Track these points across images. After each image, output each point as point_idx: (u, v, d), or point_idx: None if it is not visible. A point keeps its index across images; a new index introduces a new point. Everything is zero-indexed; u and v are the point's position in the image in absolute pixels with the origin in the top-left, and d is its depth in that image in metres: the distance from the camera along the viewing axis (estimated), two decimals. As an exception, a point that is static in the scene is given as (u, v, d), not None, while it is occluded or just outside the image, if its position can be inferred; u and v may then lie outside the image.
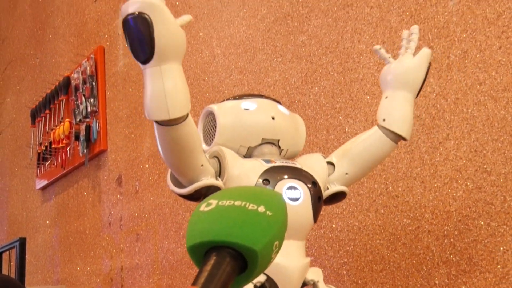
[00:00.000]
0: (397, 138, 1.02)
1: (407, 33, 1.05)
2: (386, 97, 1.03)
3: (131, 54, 0.79)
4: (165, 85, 0.79)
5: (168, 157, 0.88)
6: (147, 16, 0.77)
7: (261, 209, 0.54)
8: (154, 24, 0.77)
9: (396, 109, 1.02)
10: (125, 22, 0.78)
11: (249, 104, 1.01)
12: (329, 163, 1.04)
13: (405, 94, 1.02)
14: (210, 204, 0.55)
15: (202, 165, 0.90)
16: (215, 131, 0.99)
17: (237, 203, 0.54)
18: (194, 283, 0.51)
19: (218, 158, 0.96)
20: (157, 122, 0.83)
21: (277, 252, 0.55)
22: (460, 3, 1.25)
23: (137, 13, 0.77)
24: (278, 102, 1.05)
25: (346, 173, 1.03)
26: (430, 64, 1.04)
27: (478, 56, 1.21)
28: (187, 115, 0.83)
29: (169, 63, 0.79)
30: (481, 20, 1.21)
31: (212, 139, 0.99)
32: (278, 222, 0.55)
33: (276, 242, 0.54)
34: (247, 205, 0.54)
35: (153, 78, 0.80)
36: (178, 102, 0.81)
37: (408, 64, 1.02)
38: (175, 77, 0.80)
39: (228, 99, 1.04)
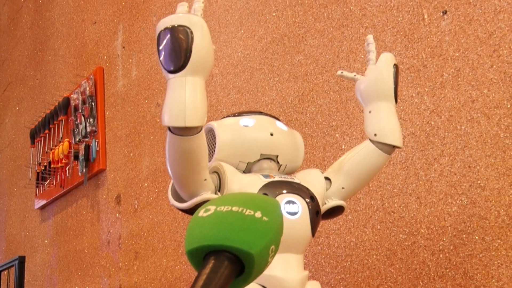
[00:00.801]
0: (390, 149, 1.05)
1: (366, 44, 1.09)
2: (370, 112, 1.06)
3: (159, 63, 0.83)
4: (186, 95, 0.83)
5: (175, 168, 0.90)
6: (188, 30, 0.82)
7: (258, 214, 0.56)
8: (194, 38, 0.81)
9: (384, 122, 1.04)
10: (164, 32, 0.83)
11: (248, 120, 1.03)
12: (326, 178, 1.06)
13: (386, 104, 1.04)
14: (208, 209, 0.57)
15: (205, 180, 0.92)
16: (215, 147, 1.01)
17: (235, 208, 0.56)
18: (193, 286, 0.54)
19: (218, 173, 0.99)
20: (171, 131, 0.85)
21: (273, 256, 0.57)
22: (452, 23, 1.28)
23: (179, 25, 0.82)
24: (277, 118, 1.08)
25: (343, 187, 1.06)
26: (396, 66, 1.05)
27: (470, 74, 1.24)
28: (201, 128, 0.86)
29: (195, 76, 0.83)
30: (473, 39, 1.24)
31: (212, 155, 1.01)
32: (274, 227, 0.57)
33: (272, 247, 0.57)
34: (244, 211, 0.56)
35: (177, 87, 0.83)
36: (196, 113, 0.83)
37: (371, 75, 1.05)
38: (197, 89, 0.84)
39: (227, 116, 1.07)
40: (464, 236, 1.21)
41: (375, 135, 1.04)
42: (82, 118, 2.71)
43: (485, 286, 1.17)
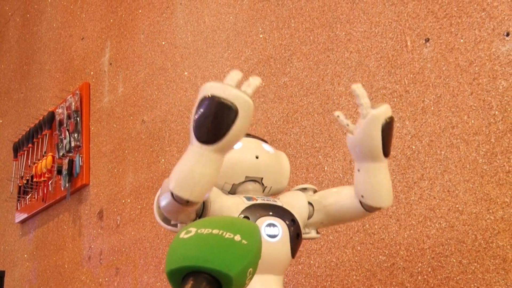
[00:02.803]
0: (376, 209, 1.03)
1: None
2: (358, 170, 1.00)
3: (191, 126, 0.80)
4: (202, 170, 0.82)
5: (169, 214, 0.94)
6: (234, 108, 0.78)
7: (237, 238, 0.58)
8: (238, 119, 0.78)
9: (370, 184, 1.00)
10: (210, 99, 0.79)
11: None
12: (310, 203, 1.08)
13: (374, 165, 0.98)
14: (189, 231, 0.59)
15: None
16: None
17: (215, 231, 0.58)
18: None
19: None
20: (173, 196, 0.86)
21: (251, 278, 0.59)
22: (434, 50, 1.32)
23: (226, 100, 0.78)
24: (264, 140, 1.10)
25: (321, 222, 1.08)
26: (390, 119, 0.94)
27: (451, 101, 1.27)
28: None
29: (220, 154, 0.82)
30: (454, 67, 1.28)
31: None
32: (253, 251, 0.59)
33: (250, 269, 0.59)
34: (224, 234, 0.58)
35: (198, 159, 0.81)
36: (203, 190, 0.84)
37: (358, 134, 0.96)
38: (214, 168, 0.83)
39: None
40: (442, 258, 1.24)
41: (362, 196, 1.01)
42: (67, 132, 2.71)
43: (461, 309, 1.19)
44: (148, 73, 2.28)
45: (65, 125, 2.75)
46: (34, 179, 2.92)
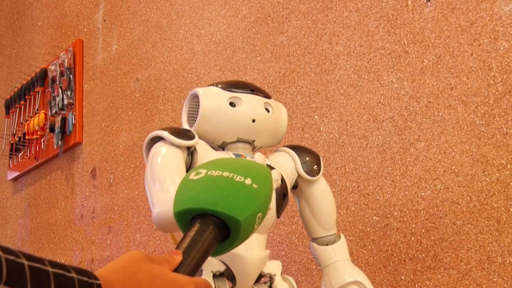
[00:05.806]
0: None
1: None
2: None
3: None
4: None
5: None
6: None
7: (248, 181, 0.57)
8: None
9: None
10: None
11: (236, 99, 1.02)
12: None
13: None
14: (199, 173, 0.58)
15: None
16: (197, 115, 1.01)
17: (225, 174, 0.57)
18: (177, 247, 0.55)
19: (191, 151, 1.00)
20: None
21: (260, 223, 0.58)
22: (435, 10, 1.30)
23: None
24: (268, 97, 1.06)
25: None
26: None
27: (450, 61, 1.26)
28: None
29: None
30: (454, 27, 1.26)
31: (193, 123, 1.02)
32: (263, 195, 0.58)
33: (260, 214, 0.57)
34: (234, 177, 0.57)
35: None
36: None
37: None
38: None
39: (218, 84, 1.05)
40: (436, 220, 1.24)
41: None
42: (60, 90, 2.68)
43: (453, 269, 1.20)
44: (142, 30, 2.24)
45: (58, 82, 2.71)
46: (27, 137, 2.90)
